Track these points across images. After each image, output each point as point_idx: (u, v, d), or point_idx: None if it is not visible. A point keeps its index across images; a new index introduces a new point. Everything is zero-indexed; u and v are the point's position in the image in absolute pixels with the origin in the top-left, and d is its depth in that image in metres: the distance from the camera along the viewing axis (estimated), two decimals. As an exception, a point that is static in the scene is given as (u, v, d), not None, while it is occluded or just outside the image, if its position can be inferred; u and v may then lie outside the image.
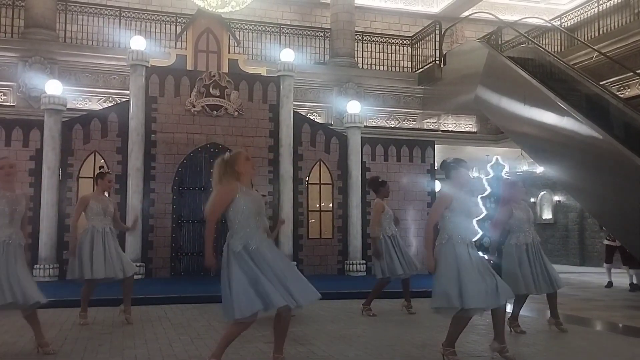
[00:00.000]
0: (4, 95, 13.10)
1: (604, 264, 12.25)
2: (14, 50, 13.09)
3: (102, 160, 10.80)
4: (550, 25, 15.69)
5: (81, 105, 13.18)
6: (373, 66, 16.50)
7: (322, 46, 16.15)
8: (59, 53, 13.34)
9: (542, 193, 20.00)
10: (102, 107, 12.75)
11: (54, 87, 10.96)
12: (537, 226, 19.03)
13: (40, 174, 10.75)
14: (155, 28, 14.59)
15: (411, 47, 17.01)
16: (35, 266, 10.45)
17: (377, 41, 16.77)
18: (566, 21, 16.14)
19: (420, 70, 16.29)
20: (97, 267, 6.24)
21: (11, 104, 12.96)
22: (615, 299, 9.99)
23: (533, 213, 6.37)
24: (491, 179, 11.48)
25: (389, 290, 8.68)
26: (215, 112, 11.84)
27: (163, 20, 14.76)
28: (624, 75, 12.78)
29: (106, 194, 7.04)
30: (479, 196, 12.56)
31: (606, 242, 12.16)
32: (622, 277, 12.13)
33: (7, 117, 11.41)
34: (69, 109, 11.41)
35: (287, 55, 12.44)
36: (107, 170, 7.23)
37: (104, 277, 6.31)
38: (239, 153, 4.47)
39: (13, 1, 13.84)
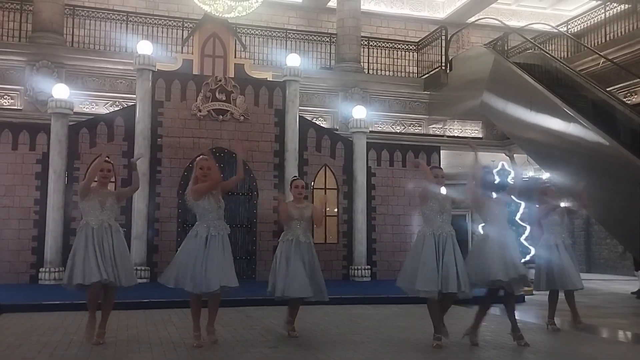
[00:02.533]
0: (12, 98, 13.17)
1: (635, 272, 11.71)
2: (21, 54, 13.17)
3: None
4: (556, 31, 15.68)
5: (88, 109, 13.23)
6: (379, 71, 16.51)
7: (328, 51, 16.18)
8: (66, 57, 13.41)
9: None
10: (108, 111, 12.80)
11: (61, 91, 11.01)
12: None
13: (47, 178, 10.79)
14: (162, 33, 14.65)
15: (417, 53, 17.02)
16: (40, 269, 10.49)
17: (383, 46, 16.79)
18: (573, 27, 16.14)
19: (426, 75, 16.30)
20: (89, 271, 5.34)
21: (18, 108, 13.04)
22: (622, 306, 9.93)
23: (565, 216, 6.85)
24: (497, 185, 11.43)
25: (393, 295, 8.67)
26: (221, 116, 11.87)
27: (170, 25, 14.83)
28: (631, 82, 12.76)
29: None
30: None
31: None
32: (629, 285, 12.07)
33: (14, 121, 11.46)
34: (75, 113, 11.45)
35: (293, 60, 12.47)
36: (105, 159, 5.86)
37: (98, 281, 5.34)
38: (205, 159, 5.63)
39: (21, 5, 13.93)
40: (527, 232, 13.83)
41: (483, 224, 5.98)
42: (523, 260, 12.91)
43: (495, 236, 5.65)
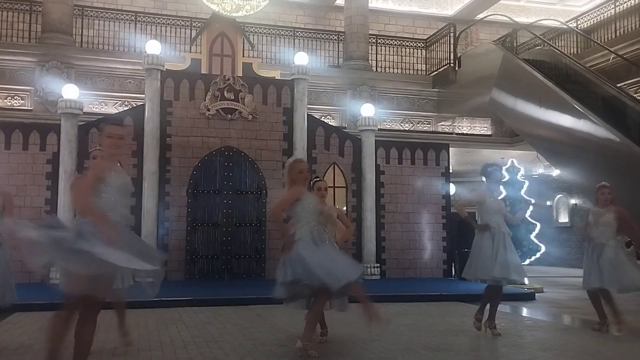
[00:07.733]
0: (22, 99, 13.25)
1: None
2: (31, 55, 13.24)
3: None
4: (566, 27, 15.56)
5: (97, 109, 13.29)
6: (387, 69, 16.47)
7: (336, 49, 16.15)
8: (75, 57, 13.47)
9: (558, 196, 19.83)
10: (117, 111, 12.86)
11: (70, 91, 11.08)
12: (553, 230, 18.89)
13: (57, 177, 10.86)
14: (170, 32, 14.69)
15: (425, 50, 16.96)
16: (52, 268, 10.53)
17: (391, 44, 16.73)
18: (582, 23, 16.01)
19: (435, 72, 16.24)
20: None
21: (29, 108, 13.11)
22: (633, 303, 9.84)
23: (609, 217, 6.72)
24: (506, 183, 11.40)
25: (402, 293, 8.66)
26: (229, 115, 11.89)
27: (178, 25, 14.86)
28: (642, 77, 12.63)
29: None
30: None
31: None
32: None
33: (25, 121, 11.56)
34: (85, 113, 11.51)
35: (301, 58, 12.46)
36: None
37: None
38: (301, 162, 5.75)
39: (30, 6, 14.00)
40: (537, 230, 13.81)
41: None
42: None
43: None
